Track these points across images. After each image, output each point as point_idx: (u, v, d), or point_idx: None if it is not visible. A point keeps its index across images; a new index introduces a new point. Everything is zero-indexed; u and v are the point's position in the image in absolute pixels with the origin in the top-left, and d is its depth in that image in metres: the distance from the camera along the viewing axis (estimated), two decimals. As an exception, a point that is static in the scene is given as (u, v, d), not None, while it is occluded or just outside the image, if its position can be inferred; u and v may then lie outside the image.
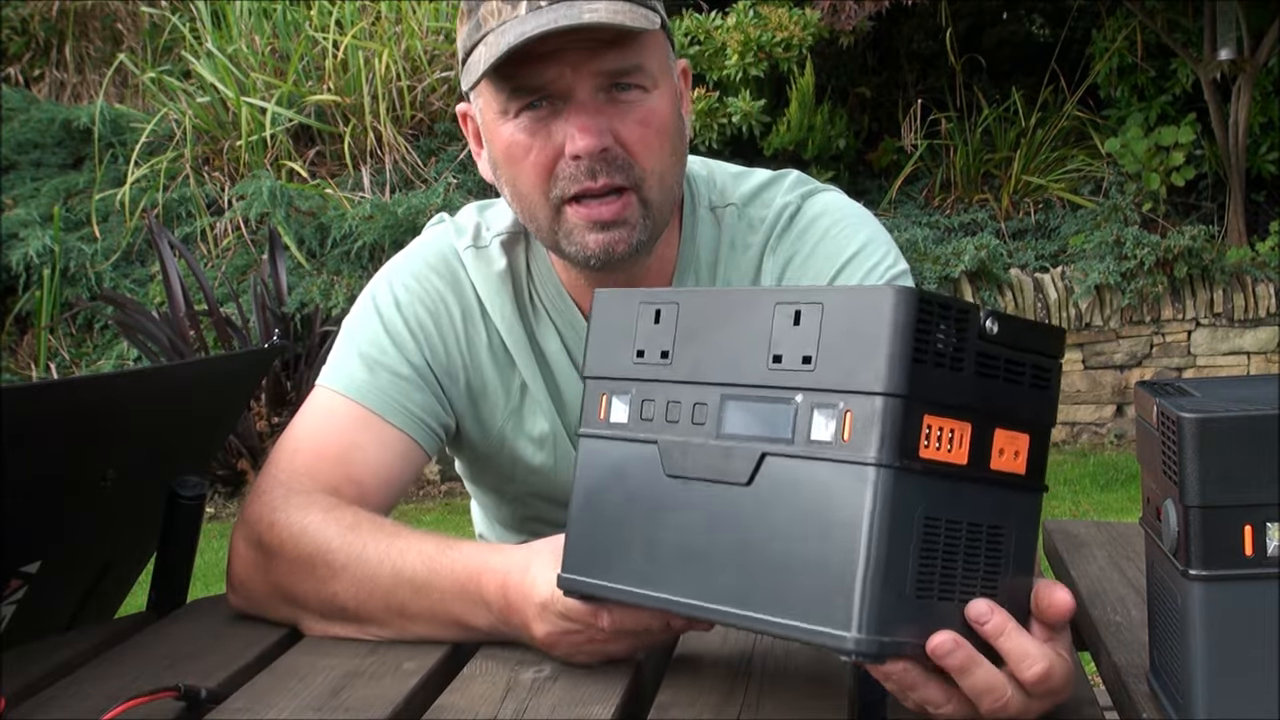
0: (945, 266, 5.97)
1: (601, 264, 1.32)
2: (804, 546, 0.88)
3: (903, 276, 1.40)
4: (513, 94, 1.29)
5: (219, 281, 6.34)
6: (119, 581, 1.59)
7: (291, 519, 1.25)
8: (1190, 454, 0.82)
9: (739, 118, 6.51)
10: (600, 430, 1.04)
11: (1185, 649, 0.85)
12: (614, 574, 1.00)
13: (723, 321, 0.97)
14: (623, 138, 1.29)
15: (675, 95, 1.35)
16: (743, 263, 1.42)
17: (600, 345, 1.05)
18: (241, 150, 6.96)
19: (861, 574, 0.85)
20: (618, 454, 1.02)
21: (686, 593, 0.95)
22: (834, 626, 0.86)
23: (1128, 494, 5.06)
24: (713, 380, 0.96)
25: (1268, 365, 6.14)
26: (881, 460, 0.86)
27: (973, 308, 0.90)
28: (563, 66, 1.26)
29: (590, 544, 1.03)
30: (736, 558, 0.92)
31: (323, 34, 7.25)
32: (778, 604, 0.89)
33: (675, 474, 0.97)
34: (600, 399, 1.04)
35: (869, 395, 0.86)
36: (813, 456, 0.89)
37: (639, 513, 0.99)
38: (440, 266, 1.45)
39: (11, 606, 1.34)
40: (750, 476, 0.92)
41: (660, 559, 0.97)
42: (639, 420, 1.01)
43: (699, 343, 0.98)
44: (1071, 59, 7.29)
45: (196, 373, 1.76)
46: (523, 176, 1.32)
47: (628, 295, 1.04)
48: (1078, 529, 1.47)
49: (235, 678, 1.13)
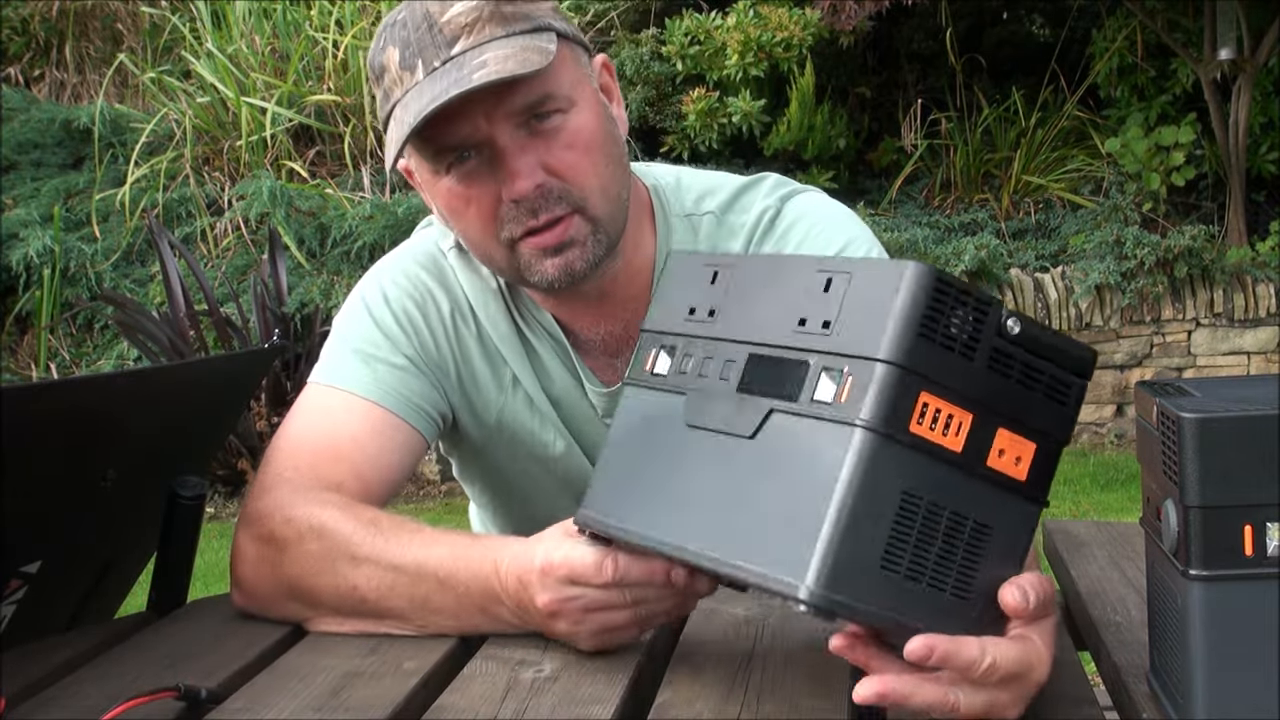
0: (945, 266, 5.96)
1: (564, 285, 1.33)
2: (783, 499, 0.91)
3: None
4: (436, 155, 1.31)
5: (219, 281, 6.34)
6: (119, 581, 1.59)
7: (311, 513, 1.25)
8: (1190, 454, 0.82)
9: (739, 118, 6.51)
10: (643, 380, 1.08)
11: (1185, 649, 0.85)
12: (625, 516, 1.04)
13: (768, 284, 1.00)
14: (553, 167, 1.30)
15: (597, 102, 1.35)
16: None
17: (663, 303, 1.10)
18: (241, 150, 6.96)
19: (826, 528, 0.87)
20: (652, 402, 1.06)
21: (674, 536, 0.99)
22: (792, 575, 0.87)
23: (1128, 494, 5.06)
24: (745, 339, 1.00)
25: (1268, 365, 6.14)
26: (868, 423, 0.87)
27: (995, 301, 0.90)
28: (475, 119, 1.27)
29: (611, 487, 1.07)
30: (724, 505, 0.95)
31: (323, 34, 7.25)
32: (747, 551, 0.92)
33: (693, 424, 1.01)
34: (651, 352, 1.08)
35: (870, 361, 0.88)
36: (812, 415, 0.91)
37: (657, 460, 1.04)
38: (428, 264, 1.46)
39: (11, 606, 1.34)
40: (755, 430, 0.95)
41: (665, 504, 1.01)
42: (677, 373, 1.05)
43: (744, 303, 1.02)
44: (1071, 59, 7.29)
45: (196, 373, 1.76)
46: (470, 227, 1.34)
47: (694, 259, 1.10)
48: (1078, 529, 1.47)
49: (235, 678, 1.13)
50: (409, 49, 1.29)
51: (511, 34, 1.28)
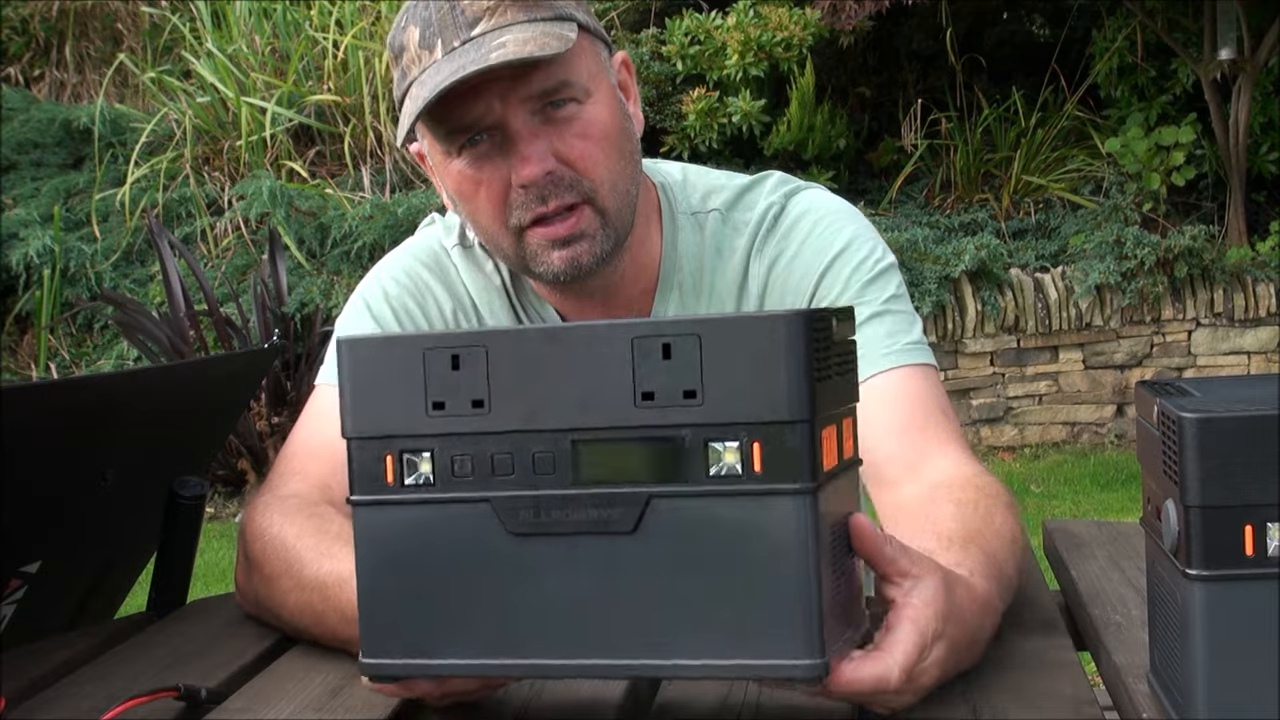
0: (945, 266, 5.97)
1: (571, 278, 1.33)
2: (727, 583, 0.85)
3: (889, 270, 1.40)
4: (448, 135, 1.30)
5: (219, 281, 6.35)
6: (119, 581, 1.60)
7: (274, 528, 1.24)
8: (1190, 454, 0.82)
9: (739, 118, 6.51)
10: (390, 495, 0.91)
11: (1185, 649, 0.85)
12: (449, 649, 0.90)
13: (556, 363, 0.88)
14: (565, 155, 1.29)
15: (614, 97, 1.35)
16: (728, 268, 1.42)
17: (366, 399, 0.93)
18: (241, 150, 6.96)
19: (808, 601, 0.84)
20: (424, 517, 0.90)
21: (571, 654, 0.88)
22: (786, 657, 0.84)
23: (1128, 494, 5.06)
24: (557, 427, 0.88)
25: (1268, 365, 6.14)
26: (804, 487, 0.84)
27: (829, 314, 0.89)
28: (490, 100, 1.27)
29: (397, 623, 0.91)
30: (636, 607, 0.86)
31: (323, 34, 7.25)
32: (703, 646, 0.85)
33: (524, 531, 0.89)
34: (385, 459, 0.91)
35: (778, 425, 0.84)
36: (715, 493, 0.85)
37: (473, 579, 0.90)
38: (429, 261, 1.46)
39: (11, 606, 1.34)
40: (635, 525, 0.87)
41: (519, 624, 0.89)
42: (451, 478, 0.90)
43: (528, 388, 0.89)
44: (1071, 59, 7.29)
45: (196, 373, 1.76)
46: (479, 211, 1.33)
47: (405, 341, 0.93)
48: (1078, 529, 1.47)
49: (235, 678, 1.13)
50: (429, 28, 1.29)
51: (533, 19, 1.27)
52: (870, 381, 1.30)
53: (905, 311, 1.38)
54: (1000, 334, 6.14)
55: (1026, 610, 1.16)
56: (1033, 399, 6.22)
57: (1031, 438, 6.18)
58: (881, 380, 1.31)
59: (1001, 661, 1.04)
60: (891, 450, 1.26)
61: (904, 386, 1.31)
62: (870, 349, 1.31)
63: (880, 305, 1.36)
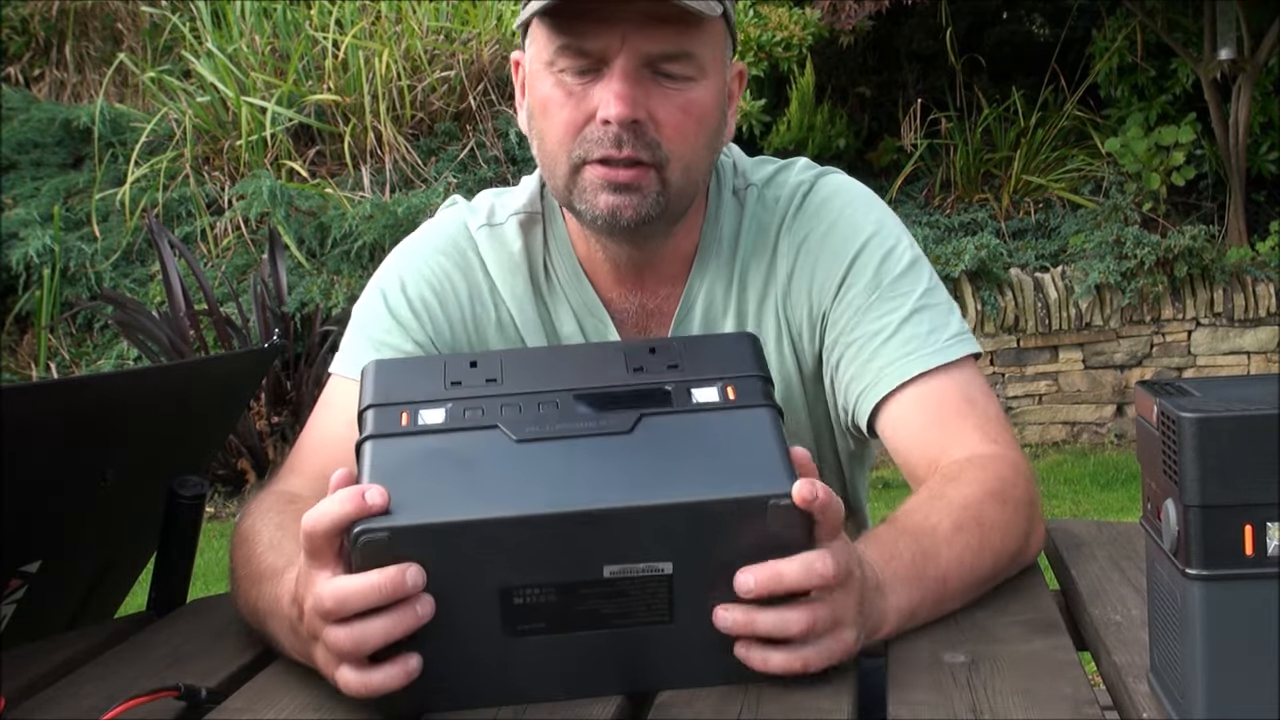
0: (945, 266, 5.97)
1: (608, 227, 1.32)
2: (711, 450, 1.02)
3: (918, 261, 1.43)
4: (560, 49, 1.29)
5: (219, 281, 6.35)
6: (119, 581, 1.60)
7: (254, 523, 1.22)
8: (1190, 454, 0.82)
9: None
10: (402, 430, 1.04)
11: (1185, 649, 0.85)
12: (459, 510, 0.97)
13: (558, 357, 1.16)
14: (658, 117, 1.29)
15: (722, 92, 1.36)
16: (760, 243, 1.44)
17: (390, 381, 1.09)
18: (241, 150, 6.96)
19: (780, 452, 1.02)
20: (433, 444, 1.02)
21: (569, 501, 0.97)
22: (773, 486, 0.99)
23: (1128, 494, 5.07)
24: (561, 387, 1.07)
25: (1268, 365, 6.14)
26: (772, 404, 1.08)
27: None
28: (614, 35, 1.26)
29: (416, 498, 0.98)
30: (640, 465, 1.01)
31: (323, 34, 7.25)
32: (703, 484, 0.99)
33: (531, 438, 1.02)
34: (400, 413, 1.05)
35: (749, 377, 1.09)
36: (699, 409, 1.06)
37: (475, 472, 1.00)
38: (448, 248, 1.46)
39: (11, 606, 1.34)
40: (632, 426, 1.04)
41: (518, 485, 0.99)
42: (461, 418, 1.05)
43: (537, 370, 1.09)
44: (1071, 59, 7.30)
45: (196, 373, 1.76)
46: (551, 130, 1.32)
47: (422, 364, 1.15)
48: (1078, 529, 1.47)
49: (235, 678, 1.13)
50: None
51: None
52: (914, 385, 1.34)
53: (942, 303, 1.41)
54: (1000, 334, 6.14)
55: (1027, 610, 1.17)
56: (1033, 399, 6.22)
57: (1031, 437, 6.18)
58: (924, 383, 1.34)
59: (1002, 661, 1.04)
60: (922, 451, 1.32)
61: (943, 387, 1.34)
62: (914, 348, 1.35)
63: (917, 300, 1.39)
